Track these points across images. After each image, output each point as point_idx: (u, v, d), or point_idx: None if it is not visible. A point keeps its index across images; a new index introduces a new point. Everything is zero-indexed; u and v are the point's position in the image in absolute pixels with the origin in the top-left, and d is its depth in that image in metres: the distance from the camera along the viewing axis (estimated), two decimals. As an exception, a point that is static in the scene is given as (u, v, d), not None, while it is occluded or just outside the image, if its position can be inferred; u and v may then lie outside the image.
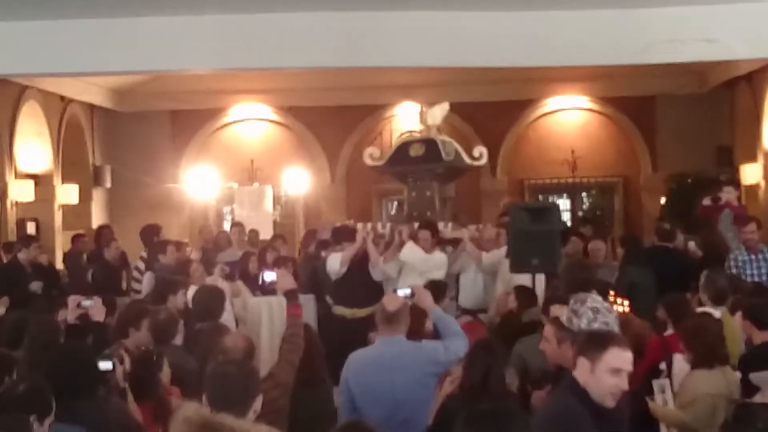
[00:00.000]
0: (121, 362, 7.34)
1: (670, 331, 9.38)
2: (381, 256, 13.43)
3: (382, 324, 8.02)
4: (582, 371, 5.56)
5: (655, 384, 8.22)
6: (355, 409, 7.79)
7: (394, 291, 8.60)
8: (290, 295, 7.88)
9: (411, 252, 13.48)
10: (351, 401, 7.92)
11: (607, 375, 5.55)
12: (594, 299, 8.76)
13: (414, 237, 13.68)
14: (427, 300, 8.52)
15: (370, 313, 12.10)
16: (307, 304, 11.72)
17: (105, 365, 7.10)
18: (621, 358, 5.62)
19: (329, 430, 5.26)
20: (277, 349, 7.84)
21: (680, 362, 8.63)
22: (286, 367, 7.41)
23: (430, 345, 8.22)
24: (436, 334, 8.41)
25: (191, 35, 10.91)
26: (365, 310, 12.36)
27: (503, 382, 7.52)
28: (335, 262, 13.35)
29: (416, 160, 15.79)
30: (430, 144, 15.91)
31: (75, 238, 18.20)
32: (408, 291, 8.39)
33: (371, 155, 16.32)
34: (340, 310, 13.23)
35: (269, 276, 11.03)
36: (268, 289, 12.55)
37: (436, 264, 13.31)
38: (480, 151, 16.50)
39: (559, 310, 8.74)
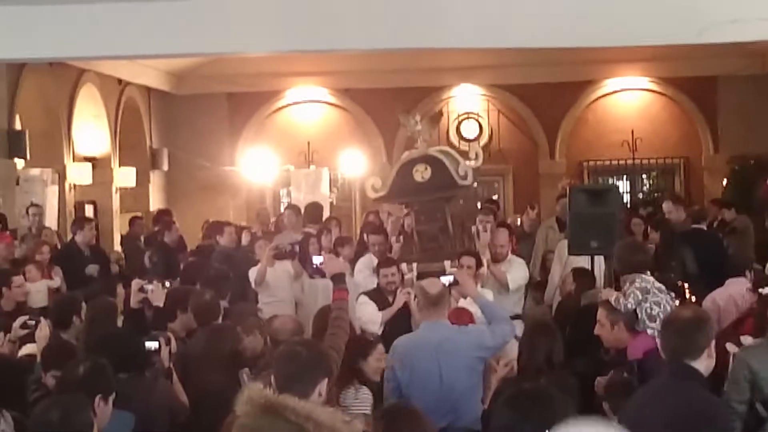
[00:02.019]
0: (167, 343, 7.38)
1: None
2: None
3: (425, 309, 7.97)
4: (708, 358, 5.44)
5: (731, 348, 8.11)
6: (402, 396, 7.71)
7: (438, 278, 8.52)
8: (337, 279, 7.79)
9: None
10: (398, 388, 7.85)
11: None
12: (644, 280, 8.67)
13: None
14: (470, 287, 8.44)
15: None
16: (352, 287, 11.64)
17: (151, 344, 7.19)
18: None
19: None
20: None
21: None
22: (331, 353, 7.36)
23: (476, 329, 8.18)
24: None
25: (248, 17, 10.86)
26: None
27: (562, 364, 7.47)
28: (369, 317, 10.85)
29: (423, 187, 12.94)
30: (435, 164, 13.02)
31: (132, 221, 18.29)
32: (451, 278, 8.35)
33: (373, 186, 13.46)
34: None
35: (317, 259, 10.98)
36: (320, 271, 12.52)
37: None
38: (476, 150, 13.82)
39: (609, 293, 8.68)
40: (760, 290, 9.37)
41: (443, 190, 12.88)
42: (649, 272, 9.26)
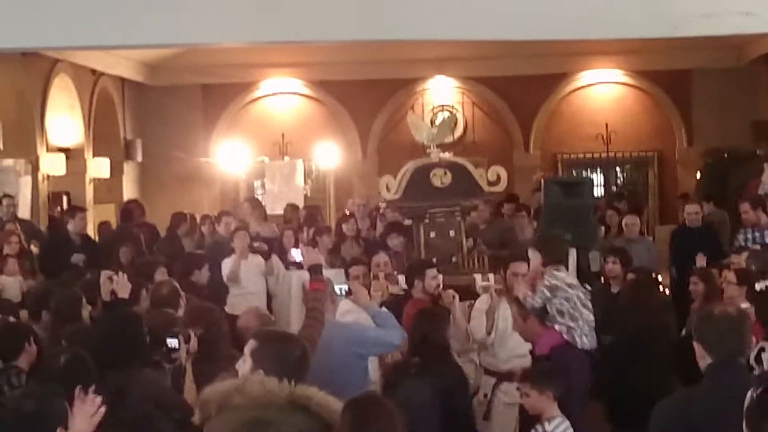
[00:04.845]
0: (187, 341, 7.34)
1: None
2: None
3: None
4: None
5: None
6: None
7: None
8: (313, 270, 7.80)
9: None
10: None
11: None
12: (555, 276, 8.68)
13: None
14: (362, 298, 8.52)
15: None
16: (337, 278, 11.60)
17: (172, 342, 7.16)
18: None
19: None
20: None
21: None
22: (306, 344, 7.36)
23: (357, 325, 8.31)
24: None
25: (221, 8, 10.80)
26: None
27: (443, 342, 7.94)
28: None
29: (442, 192, 12.26)
30: (456, 169, 12.37)
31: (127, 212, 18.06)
32: (345, 287, 8.46)
33: (387, 186, 12.57)
34: None
35: (295, 253, 10.99)
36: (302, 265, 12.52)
37: None
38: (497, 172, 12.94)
39: (518, 290, 8.77)
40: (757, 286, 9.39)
41: (466, 197, 12.39)
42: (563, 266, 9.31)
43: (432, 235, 12.11)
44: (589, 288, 10.19)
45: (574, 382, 7.54)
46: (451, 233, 12.15)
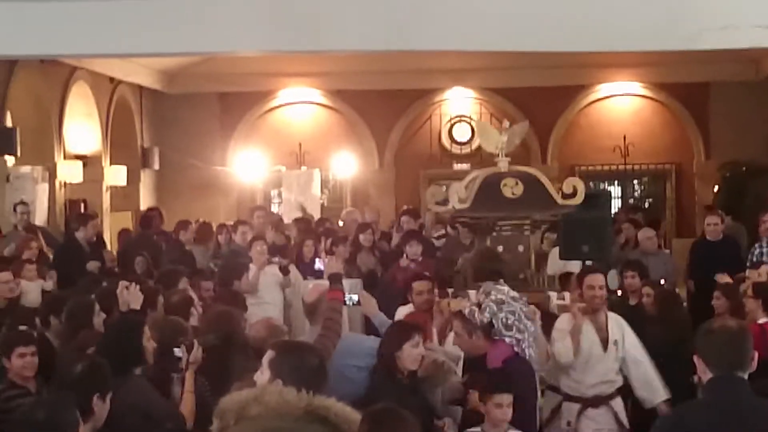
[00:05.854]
0: (188, 351, 7.36)
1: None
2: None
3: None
4: None
5: None
6: None
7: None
8: (332, 279, 7.79)
9: None
10: None
11: None
12: (499, 290, 8.64)
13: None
14: (371, 307, 8.48)
15: None
16: (354, 287, 11.55)
17: (177, 351, 7.26)
18: None
19: None
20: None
21: None
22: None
23: (355, 336, 8.19)
24: None
25: (239, 17, 10.82)
26: None
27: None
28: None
29: (514, 203, 11.54)
30: (528, 180, 11.70)
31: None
32: (355, 297, 8.44)
33: (458, 196, 11.74)
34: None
35: (320, 264, 11.04)
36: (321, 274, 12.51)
37: None
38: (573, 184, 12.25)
39: (459, 303, 8.68)
40: None
41: (538, 209, 11.82)
42: (502, 280, 9.24)
43: (499, 249, 11.44)
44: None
45: (527, 392, 7.55)
46: (520, 248, 11.66)
